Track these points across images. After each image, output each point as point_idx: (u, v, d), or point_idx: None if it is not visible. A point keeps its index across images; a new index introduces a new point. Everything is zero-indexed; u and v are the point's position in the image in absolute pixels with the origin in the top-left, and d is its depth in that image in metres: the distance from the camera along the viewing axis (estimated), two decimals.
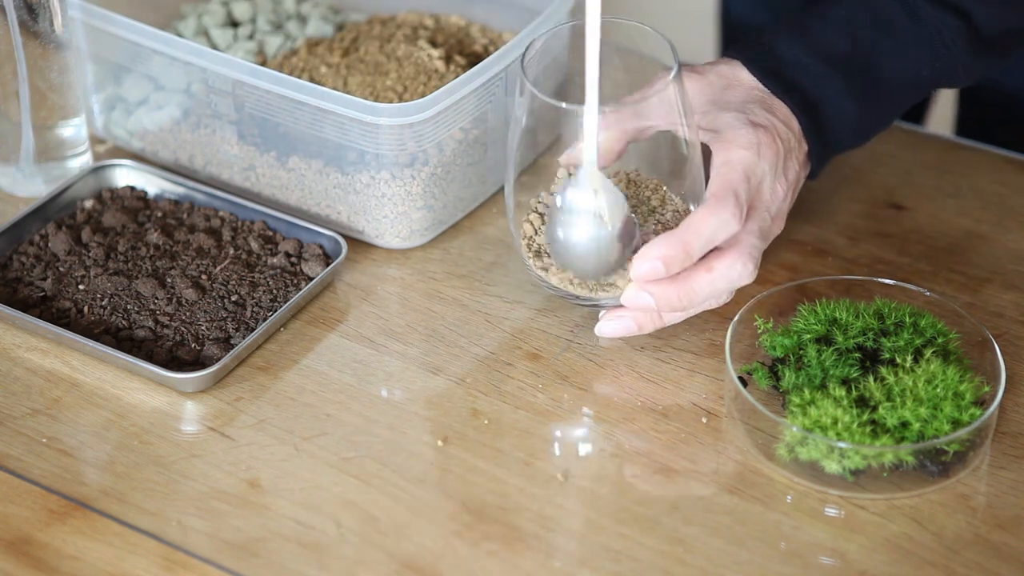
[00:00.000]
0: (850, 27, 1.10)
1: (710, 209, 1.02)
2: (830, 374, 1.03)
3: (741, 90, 1.09)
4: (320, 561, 0.97)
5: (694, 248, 1.02)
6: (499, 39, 1.29)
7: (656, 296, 1.04)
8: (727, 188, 1.03)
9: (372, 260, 1.18)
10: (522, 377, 1.09)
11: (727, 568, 0.97)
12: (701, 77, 1.09)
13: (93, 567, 0.97)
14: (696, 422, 1.05)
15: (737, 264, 1.04)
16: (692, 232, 1.02)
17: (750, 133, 1.05)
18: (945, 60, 1.10)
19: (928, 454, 1.00)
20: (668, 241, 1.02)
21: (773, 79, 1.09)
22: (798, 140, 1.08)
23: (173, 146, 1.24)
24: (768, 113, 1.07)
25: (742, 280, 1.05)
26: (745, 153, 1.04)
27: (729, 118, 1.06)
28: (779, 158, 1.06)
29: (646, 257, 1.02)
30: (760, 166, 1.05)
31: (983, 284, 1.15)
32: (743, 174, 1.04)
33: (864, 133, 1.12)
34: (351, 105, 1.13)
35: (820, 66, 1.09)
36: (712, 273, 1.04)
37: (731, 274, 1.04)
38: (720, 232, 1.02)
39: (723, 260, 1.04)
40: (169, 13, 1.33)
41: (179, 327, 1.10)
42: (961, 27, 1.09)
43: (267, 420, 1.06)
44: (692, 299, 1.04)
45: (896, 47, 1.10)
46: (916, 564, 0.97)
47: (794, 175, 1.08)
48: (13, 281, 1.14)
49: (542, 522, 0.99)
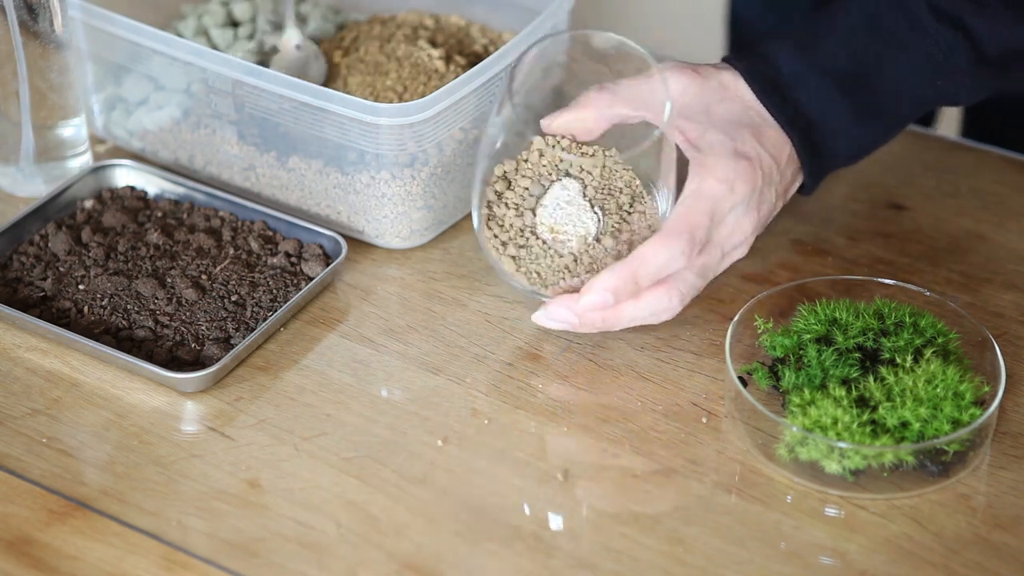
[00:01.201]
0: (854, 40, 1.09)
1: (663, 242, 1.04)
2: (830, 374, 1.03)
3: (737, 106, 1.08)
4: (320, 561, 0.97)
5: (642, 280, 1.04)
6: (499, 39, 1.29)
7: (581, 318, 1.06)
8: (685, 224, 1.04)
9: (372, 260, 1.18)
10: (522, 377, 1.09)
11: (727, 568, 0.97)
12: (703, 81, 1.09)
13: (93, 567, 0.97)
14: (696, 422, 1.05)
15: (664, 299, 1.05)
16: (642, 264, 1.04)
17: (729, 165, 1.05)
18: (948, 77, 1.09)
19: (928, 454, 1.00)
20: (618, 273, 1.04)
21: (770, 96, 1.08)
22: (783, 168, 1.08)
23: (173, 146, 1.24)
24: (756, 142, 1.07)
25: (664, 314, 1.06)
26: (718, 187, 1.05)
27: (715, 140, 1.06)
28: (754, 191, 1.06)
29: (596, 289, 1.04)
30: (730, 200, 1.05)
31: (983, 284, 1.15)
32: (708, 211, 1.04)
33: (863, 150, 1.12)
34: (351, 105, 1.13)
35: (820, 81, 1.08)
36: (639, 302, 1.05)
37: (656, 306, 1.06)
38: (668, 266, 1.04)
39: (653, 292, 1.05)
40: (169, 13, 1.33)
41: (179, 327, 1.10)
42: (965, 45, 1.08)
43: (267, 420, 1.06)
44: (614, 324, 1.06)
45: (899, 64, 1.09)
46: (916, 564, 0.97)
47: (768, 207, 1.08)
48: (13, 281, 1.14)
49: (542, 522, 0.99)
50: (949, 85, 1.10)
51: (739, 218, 1.07)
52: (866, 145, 1.12)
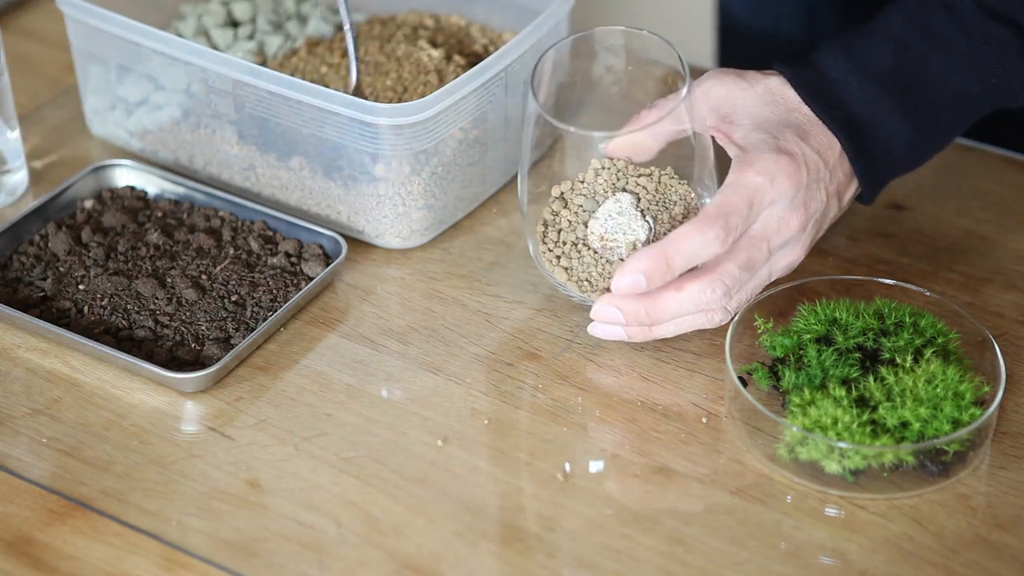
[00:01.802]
0: (899, 42, 1.08)
1: (696, 227, 1.02)
2: (830, 374, 1.03)
3: (782, 109, 1.07)
4: (320, 561, 0.97)
5: (675, 263, 1.02)
6: (499, 39, 1.29)
7: (624, 311, 1.04)
8: (721, 209, 1.03)
9: (372, 260, 1.18)
10: (522, 377, 1.09)
11: (727, 568, 0.97)
12: (748, 87, 1.08)
13: (93, 567, 0.97)
14: (696, 422, 1.05)
15: (707, 289, 1.04)
16: (674, 247, 1.02)
17: (771, 159, 1.04)
18: (1000, 76, 1.08)
19: (928, 454, 1.00)
20: (650, 255, 1.02)
21: (816, 98, 1.07)
22: (832, 168, 1.07)
23: (173, 146, 1.24)
24: (801, 140, 1.06)
25: (712, 307, 1.05)
26: (758, 179, 1.03)
27: (758, 139, 1.05)
28: (799, 188, 1.05)
29: (627, 271, 1.02)
30: (769, 194, 1.04)
31: (983, 284, 1.15)
32: (746, 199, 1.03)
33: (919, 153, 1.10)
34: (351, 105, 1.13)
35: (866, 83, 1.07)
36: (681, 292, 1.04)
37: (700, 297, 1.04)
38: (703, 251, 1.02)
39: (695, 282, 1.04)
40: (169, 13, 1.33)
41: (179, 327, 1.10)
42: (1014, 41, 1.07)
43: (267, 420, 1.06)
44: (659, 316, 1.05)
45: (946, 62, 1.08)
46: (916, 564, 0.97)
47: (818, 205, 1.06)
48: (13, 281, 1.14)
49: (542, 522, 0.99)
50: (1003, 83, 1.09)
51: (783, 213, 1.05)
52: (922, 148, 1.10)
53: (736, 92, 1.08)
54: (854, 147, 1.07)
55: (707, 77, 1.09)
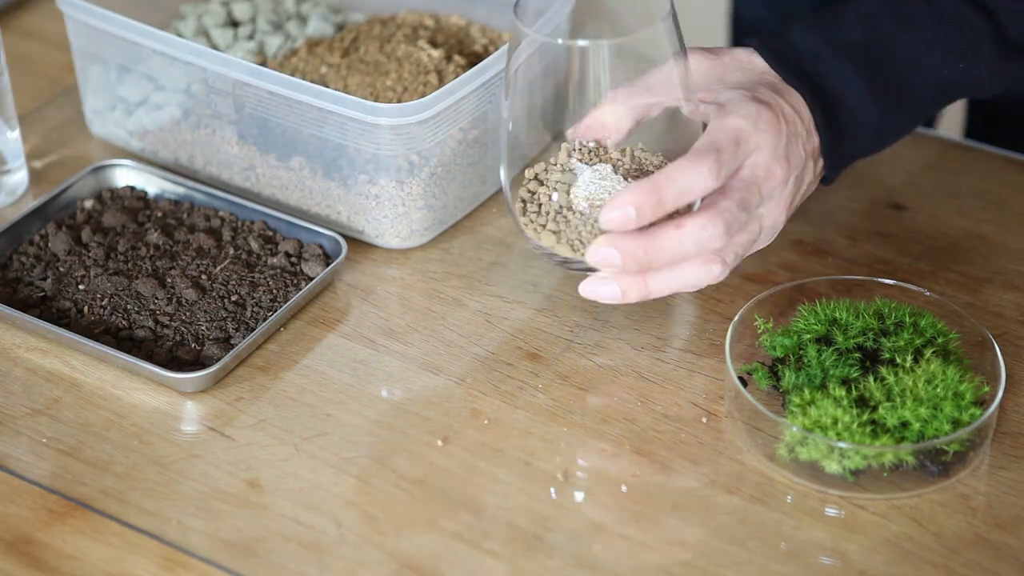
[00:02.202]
0: (870, 21, 1.07)
1: (688, 160, 0.99)
2: (830, 374, 1.03)
3: (752, 73, 1.06)
4: (320, 561, 0.97)
5: (667, 196, 0.98)
6: (499, 39, 1.29)
7: (621, 251, 0.99)
8: (710, 144, 1.00)
9: (372, 260, 1.18)
10: (522, 377, 1.09)
11: (727, 568, 0.97)
12: (715, 58, 1.07)
13: (93, 567, 0.97)
14: (696, 422, 1.05)
15: (708, 226, 0.99)
16: (666, 179, 0.98)
17: (751, 106, 1.02)
18: (969, 61, 1.07)
19: (928, 454, 1.00)
20: (640, 187, 0.99)
21: (785, 66, 1.06)
22: (807, 128, 1.05)
23: (173, 146, 1.24)
24: (776, 94, 1.04)
25: (712, 243, 1.00)
26: (741, 121, 1.01)
27: (733, 94, 1.04)
28: (780, 137, 1.02)
29: (617, 204, 0.99)
30: (756, 138, 1.01)
31: (983, 284, 1.15)
32: (733, 137, 1.00)
33: (882, 135, 1.09)
34: (351, 105, 1.13)
35: (836, 58, 1.06)
36: (680, 230, 0.99)
37: (701, 234, 0.99)
38: (696, 185, 0.99)
39: (695, 219, 0.99)
40: (169, 13, 1.33)
41: (179, 327, 1.10)
42: (986, 28, 1.07)
43: (267, 420, 1.06)
44: (657, 255, 1.00)
45: (916, 43, 1.07)
46: (916, 564, 0.97)
47: (798, 161, 1.04)
48: (13, 281, 1.14)
49: (542, 522, 0.99)
50: (972, 69, 1.08)
51: (768, 162, 1.02)
52: (888, 129, 1.09)
53: (705, 64, 1.06)
54: (823, 116, 1.06)
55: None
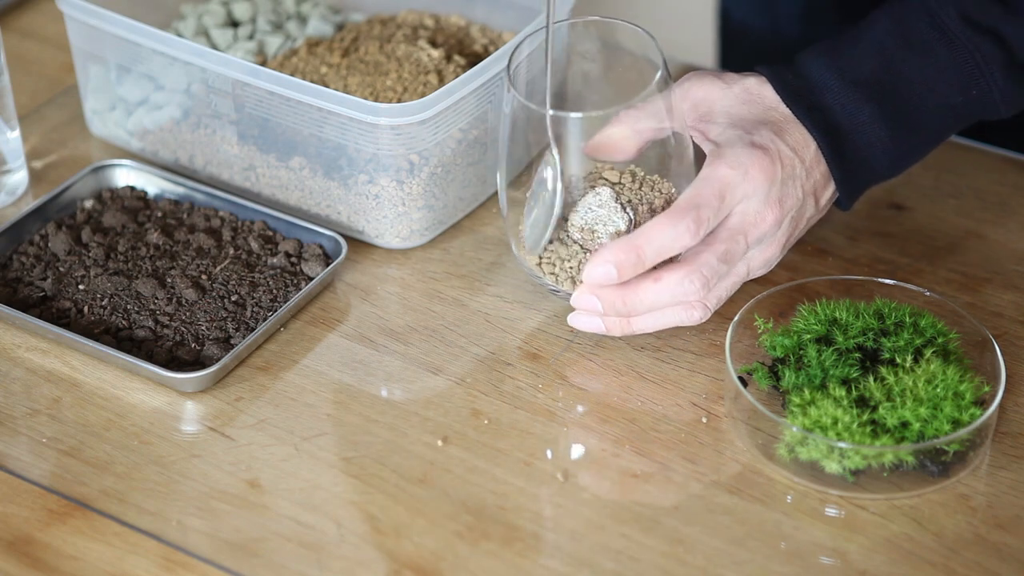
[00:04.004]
0: (882, 49, 1.08)
1: (667, 218, 1.02)
2: (830, 374, 1.03)
3: (759, 108, 1.08)
4: (320, 561, 0.97)
5: (646, 254, 1.02)
6: (499, 39, 1.29)
7: (602, 300, 1.04)
8: (692, 201, 1.03)
9: (372, 260, 1.18)
10: (522, 377, 1.09)
11: (727, 568, 0.97)
12: (726, 88, 1.08)
13: (93, 567, 0.97)
14: (696, 422, 1.05)
15: (685, 280, 1.03)
16: (644, 238, 1.02)
17: (743, 153, 1.04)
18: (981, 87, 1.08)
19: (928, 454, 1.00)
20: (620, 246, 1.02)
21: (794, 99, 1.07)
22: (809, 167, 1.07)
23: (173, 146, 1.24)
24: (776, 136, 1.06)
25: (688, 296, 1.04)
26: (728, 172, 1.04)
27: (732, 135, 1.06)
28: (773, 183, 1.05)
29: (599, 261, 1.03)
30: (742, 188, 1.04)
31: (983, 284, 1.15)
32: (717, 192, 1.03)
33: (898, 162, 1.10)
34: (351, 105, 1.13)
35: (847, 88, 1.07)
36: (658, 283, 1.04)
37: (678, 289, 1.04)
38: (674, 243, 1.02)
39: (673, 273, 1.04)
40: (169, 13, 1.33)
41: (179, 327, 1.10)
42: (997, 53, 1.07)
43: (267, 420, 1.06)
44: (636, 306, 1.05)
45: (928, 71, 1.08)
46: (916, 564, 0.97)
47: (794, 202, 1.06)
48: (13, 281, 1.14)
49: (542, 522, 0.99)
50: (985, 95, 1.09)
51: (759, 207, 1.05)
52: (901, 157, 1.10)
53: (714, 92, 1.08)
54: (831, 150, 1.07)
55: (687, 78, 1.09)
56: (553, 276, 1.07)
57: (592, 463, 1.03)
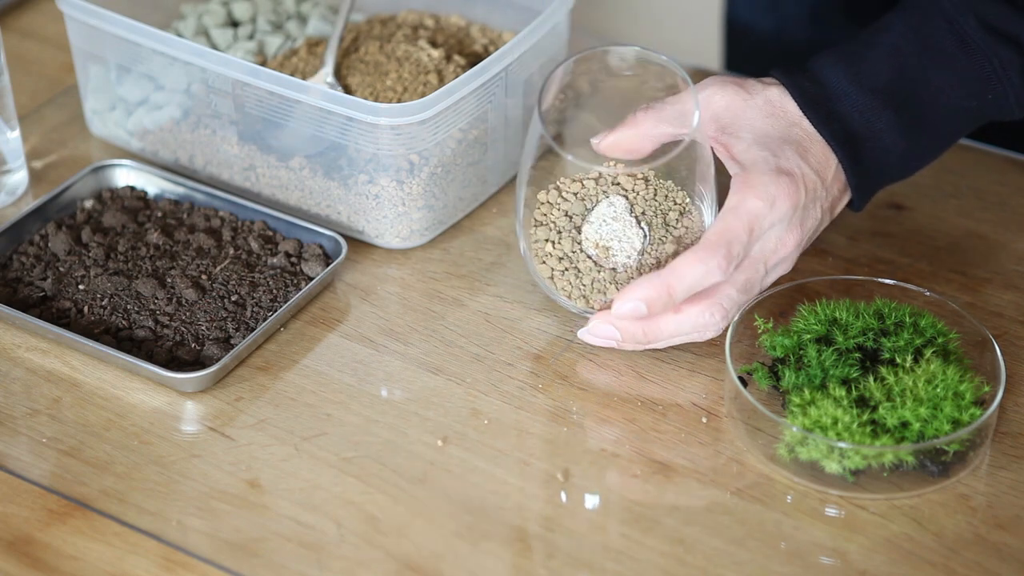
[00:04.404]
0: (898, 54, 1.08)
1: (699, 255, 1.03)
2: (830, 374, 1.03)
3: (783, 123, 1.07)
4: (320, 561, 0.97)
5: (677, 292, 1.03)
6: (499, 39, 1.29)
7: (622, 331, 1.05)
8: (723, 237, 1.03)
9: (372, 260, 1.18)
10: (522, 377, 1.09)
11: (727, 568, 0.97)
12: (749, 98, 1.08)
13: (93, 567, 0.97)
14: (696, 422, 1.05)
15: (706, 313, 1.05)
16: (676, 277, 1.03)
17: (771, 182, 1.04)
18: (998, 91, 1.08)
19: (928, 454, 1.00)
20: (652, 283, 1.03)
21: (816, 111, 1.07)
22: (828, 184, 1.07)
23: (173, 146, 1.24)
24: (800, 159, 1.06)
25: (708, 329, 1.05)
26: (758, 204, 1.04)
27: (758, 157, 1.05)
28: (797, 208, 1.05)
29: (629, 297, 1.03)
30: (769, 218, 1.04)
31: (983, 284, 1.15)
32: (747, 225, 1.04)
33: (911, 165, 1.11)
34: (351, 105, 1.13)
35: (864, 95, 1.07)
36: (679, 315, 1.05)
37: (698, 321, 1.05)
38: (704, 280, 1.03)
39: (695, 306, 1.05)
40: (169, 13, 1.33)
41: (179, 327, 1.10)
42: (1015, 58, 1.08)
43: (267, 420, 1.06)
44: (656, 337, 1.06)
45: (944, 76, 1.08)
46: (916, 564, 0.97)
47: (813, 223, 1.07)
48: (13, 281, 1.14)
49: (542, 522, 0.99)
50: (1001, 98, 1.09)
51: (781, 234, 1.05)
52: (916, 160, 1.10)
53: (737, 102, 1.08)
54: (850, 161, 1.07)
55: (707, 84, 1.09)
56: (567, 292, 1.07)
57: (592, 463, 1.03)
